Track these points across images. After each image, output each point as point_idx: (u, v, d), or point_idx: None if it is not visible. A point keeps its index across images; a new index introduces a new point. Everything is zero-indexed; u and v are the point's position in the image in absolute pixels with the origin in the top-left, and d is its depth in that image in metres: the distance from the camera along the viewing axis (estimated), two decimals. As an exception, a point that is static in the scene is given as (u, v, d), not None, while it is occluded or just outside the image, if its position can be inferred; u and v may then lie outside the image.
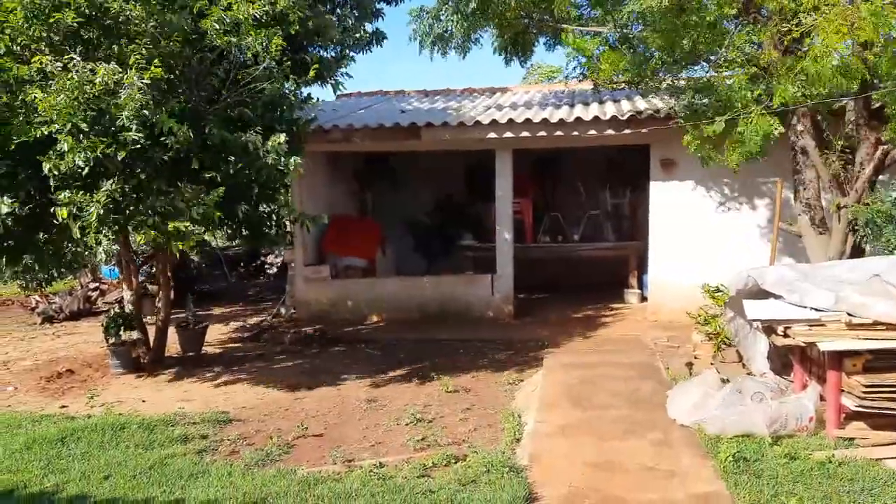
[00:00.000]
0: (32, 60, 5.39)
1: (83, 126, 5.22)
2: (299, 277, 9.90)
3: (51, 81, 5.28)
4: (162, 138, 5.48)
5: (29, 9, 5.36)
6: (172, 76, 5.76)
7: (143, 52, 5.46)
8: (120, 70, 5.22)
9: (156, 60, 5.39)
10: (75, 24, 5.45)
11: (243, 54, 6.11)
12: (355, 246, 10.47)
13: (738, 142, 6.14)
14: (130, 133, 5.25)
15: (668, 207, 8.96)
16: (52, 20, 5.39)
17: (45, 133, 5.31)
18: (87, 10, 5.52)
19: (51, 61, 5.33)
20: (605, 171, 11.73)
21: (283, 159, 6.01)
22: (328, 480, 4.18)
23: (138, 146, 5.37)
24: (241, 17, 5.90)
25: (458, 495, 3.91)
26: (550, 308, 10.32)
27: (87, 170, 5.33)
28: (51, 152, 5.32)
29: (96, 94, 5.20)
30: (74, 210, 5.32)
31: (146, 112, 5.28)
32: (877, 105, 5.84)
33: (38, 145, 5.43)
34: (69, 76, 5.19)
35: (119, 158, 5.35)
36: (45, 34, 5.48)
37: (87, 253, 6.31)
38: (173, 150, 5.60)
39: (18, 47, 5.55)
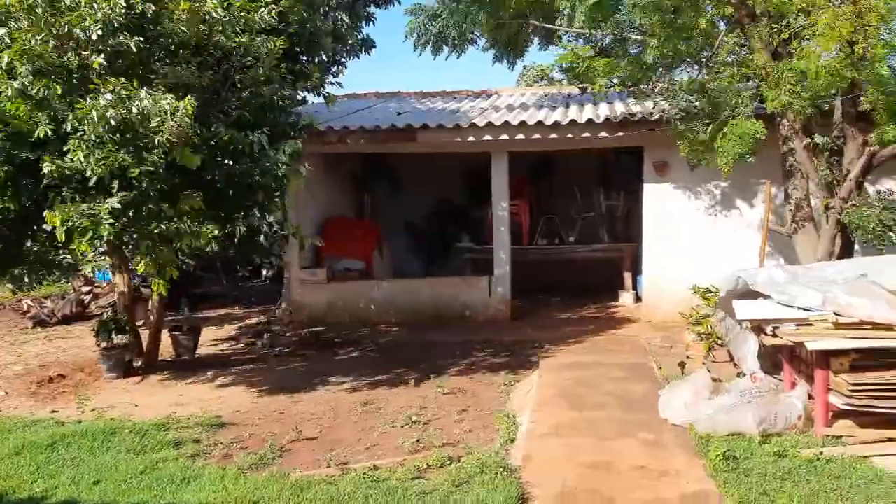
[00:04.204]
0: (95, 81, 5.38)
1: (107, 138, 5.19)
2: (295, 280, 9.91)
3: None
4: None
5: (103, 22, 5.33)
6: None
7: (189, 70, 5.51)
8: (166, 102, 5.22)
9: (190, 98, 5.38)
10: (134, 47, 5.45)
11: (244, 57, 6.15)
12: (352, 248, 10.49)
13: (727, 144, 6.18)
14: (153, 155, 5.24)
15: (662, 209, 9.00)
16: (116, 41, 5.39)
17: (50, 132, 5.31)
18: (148, 32, 5.58)
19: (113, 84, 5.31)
20: (599, 173, 11.78)
21: (289, 164, 6.09)
22: (321, 483, 4.19)
23: (150, 168, 5.35)
24: (255, 19, 5.95)
25: (452, 496, 3.94)
26: (547, 309, 10.37)
27: (93, 180, 5.30)
28: (53, 156, 5.31)
29: (137, 121, 5.20)
30: (72, 223, 5.27)
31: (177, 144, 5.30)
32: (864, 107, 5.88)
33: (39, 149, 5.43)
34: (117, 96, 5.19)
35: (132, 174, 5.33)
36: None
37: (78, 262, 6.27)
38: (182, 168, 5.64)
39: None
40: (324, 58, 8.31)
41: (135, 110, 5.10)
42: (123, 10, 5.34)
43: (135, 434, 5.16)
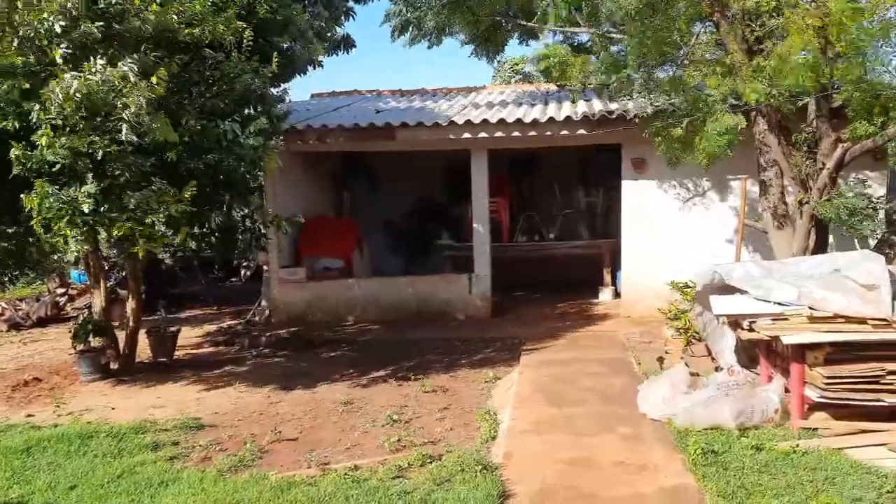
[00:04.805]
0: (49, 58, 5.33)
1: (77, 118, 5.13)
2: (274, 280, 9.85)
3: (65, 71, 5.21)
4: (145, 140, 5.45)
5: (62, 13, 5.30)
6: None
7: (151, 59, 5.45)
8: (130, 72, 5.18)
9: (162, 70, 5.35)
10: (98, 34, 5.39)
11: (213, 49, 6.09)
12: (332, 247, 10.45)
13: (704, 141, 6.25)
14: (121, 134, 5.16)
15: (640, 205, 9.07)
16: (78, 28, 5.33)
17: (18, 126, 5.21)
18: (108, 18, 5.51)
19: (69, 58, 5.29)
20: (579, 170, 11.85)
21: (262, 144, 6.02)
22: (302, 484, 4.17)
23: (118, 149, 5.29)
24: (197, 7, 5.89)
25: (433, 495, 3.93)
26: (527, 306, 10.41)
27: (58, 167, 5.23)
28: (22, 143, 5.23)
29: (101, 93, 5.13)
30: (50, 203, 5.19)
31: (147, 118, 5.23)
32: (837, 104, 5.97)
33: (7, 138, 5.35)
34: (80, 72, 5.14)
35: (99, 157, 5.24)
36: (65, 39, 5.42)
37: (53, 254, 6.16)
38: (154, 152, 5.55)
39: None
40: (299, 48, 8.24)
41: (97, 78, 5.04)
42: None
43: (112, 437, 5.09)
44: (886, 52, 5.44)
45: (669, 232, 8.94)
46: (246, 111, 6.58)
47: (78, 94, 5.02)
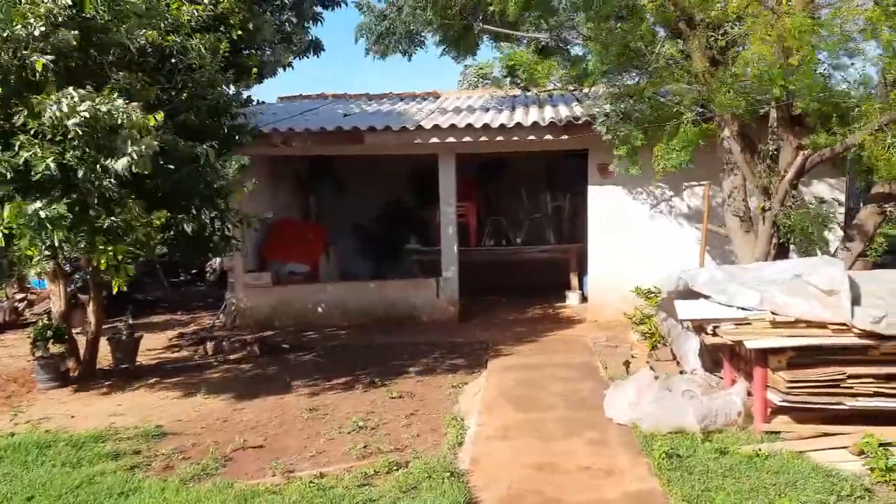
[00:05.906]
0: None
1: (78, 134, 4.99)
2: (239, 285, 9.70)
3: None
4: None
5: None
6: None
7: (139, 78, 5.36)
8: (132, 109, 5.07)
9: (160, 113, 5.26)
10: (74, 42, 5.24)
11: (186, 58, 5.97)
12: (298, 251, 10.34)
13: (673, 151, 6.35)
14: (113, 161, 5.04)
15: (606, 210, 9.16)
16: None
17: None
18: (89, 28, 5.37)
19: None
20: (546, 175, 11.93)
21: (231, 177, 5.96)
22: (266, 493, 4.11)
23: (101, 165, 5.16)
24: (183, 18, 5.80)
25: (399, 503, 3.90)
26: (495, 310, 10.43)
27: (38, 176, 5.08)
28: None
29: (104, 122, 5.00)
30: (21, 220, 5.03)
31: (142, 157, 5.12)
32: (798, 112, 6.10)
33: None
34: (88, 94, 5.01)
35: (80, 174, 5.09)
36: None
37: (23, 265, 5.97)
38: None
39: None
40: (269, 55, 8.15)
41: (104, 108, 4.92)
42: (68, 5, 5.13)
43: (71, 446, 4.96)
44: (844, 62, 5.58)
45: (635, 237, 9.04)
46: (218, 121, 6.48)
47: (87, 113, 4.88)
